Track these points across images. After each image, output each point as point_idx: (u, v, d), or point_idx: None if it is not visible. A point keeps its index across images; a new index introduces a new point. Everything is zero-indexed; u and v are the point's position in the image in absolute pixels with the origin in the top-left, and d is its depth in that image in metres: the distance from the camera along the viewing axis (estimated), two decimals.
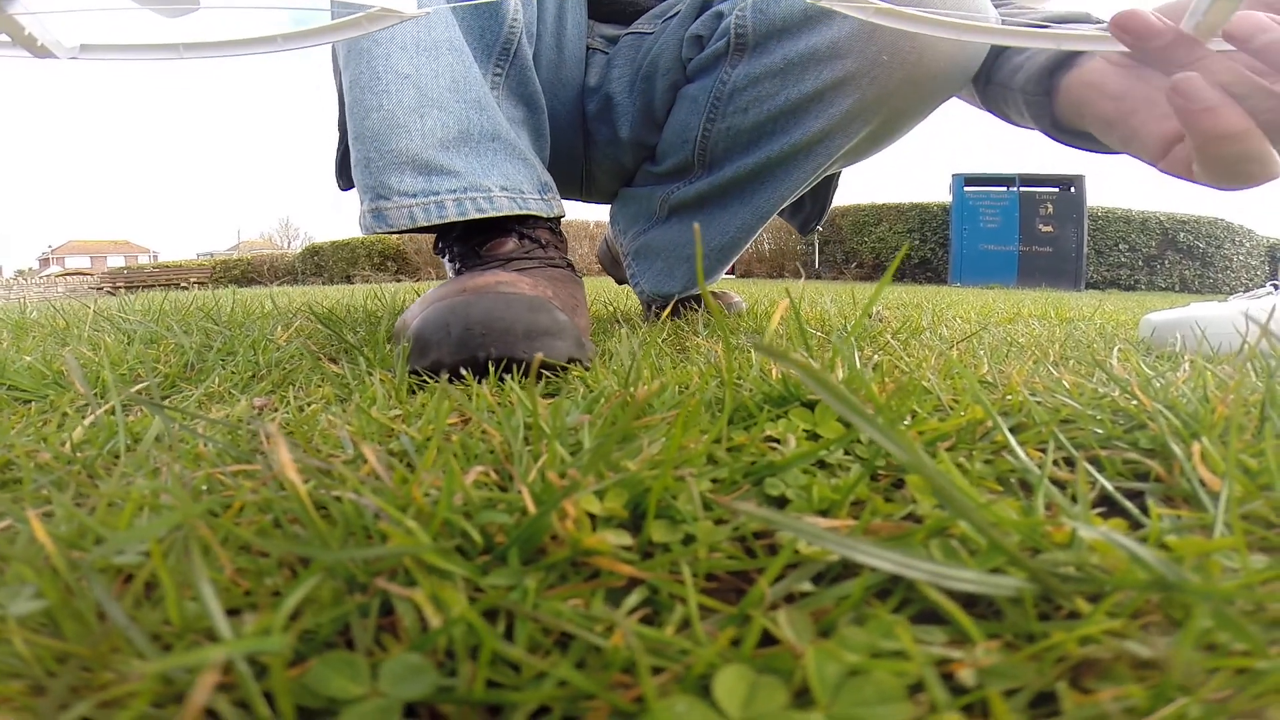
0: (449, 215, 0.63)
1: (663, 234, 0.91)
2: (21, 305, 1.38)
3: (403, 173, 0.62)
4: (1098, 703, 0.16)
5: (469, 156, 0.65)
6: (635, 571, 0.21)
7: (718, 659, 0.16)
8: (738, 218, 0.86)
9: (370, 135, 0.63)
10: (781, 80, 0.75)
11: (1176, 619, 0.19)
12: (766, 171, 0.81)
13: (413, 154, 0.62)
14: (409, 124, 0.62)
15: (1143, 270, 8.98)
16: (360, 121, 0.63)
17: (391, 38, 0.63)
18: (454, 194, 0.63)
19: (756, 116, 0.78)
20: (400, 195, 0.62)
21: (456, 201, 0.63)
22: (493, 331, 0.48)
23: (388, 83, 0.62)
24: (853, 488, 0.25)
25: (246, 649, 0.14)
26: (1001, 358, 0.59)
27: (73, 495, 0.30)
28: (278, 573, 0.22)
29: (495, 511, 0.23)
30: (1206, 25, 0.44)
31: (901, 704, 0.15)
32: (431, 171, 0.63)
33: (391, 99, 0.62)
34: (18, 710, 0.17)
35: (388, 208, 0.63)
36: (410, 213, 0.63)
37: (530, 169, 0.69)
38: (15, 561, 0.21)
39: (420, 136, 0.62)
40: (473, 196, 0.64)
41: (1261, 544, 0.24)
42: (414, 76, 0.63)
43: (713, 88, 0.79)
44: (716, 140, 0.82)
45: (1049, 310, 1.55)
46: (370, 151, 0.63)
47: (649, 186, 0.93)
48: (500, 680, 0.17)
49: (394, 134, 0.62)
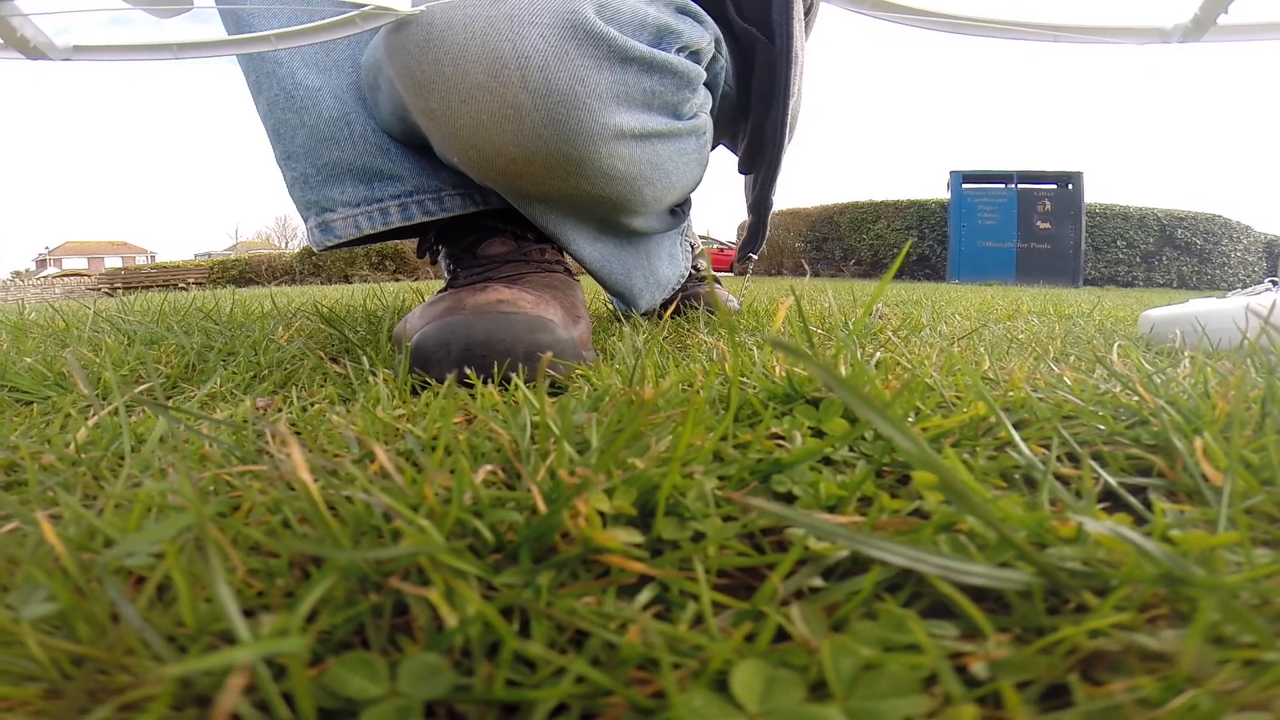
0: (393, 221, 0.62)
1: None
2: (20, 307, 1.37)
3: (343, 182, 0.61)
4: (1110, 694, 0.16)
5: (413, 156, 0.63)
6: (646, 569, 0.21)
7: (733, 654, 0.16)
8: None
9: (301, 152, 0.61)
10: None
11: (1183, 613, 0.19)
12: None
13: (348, 162, 0.61)
14: (337, 134, 0.61)
15: (1141, 267, 8.99)
16: (288, 141, 0.62)
17: (292, 57, 0.61)
18: (398, 199, 0.62)
19: None
20: (344, 206, 0.61)
21: (401, 207, 0.62)
22: (493, 352, 0.48)
23: (302, 98, 0.61)
24: (860, 484, 0.25)
25: (266, 650, 0.14)
26: (1002, 354, 0.60)
27: (80, 497, 0.30)
28: (289, 573, 0.22)
29: (506, 510, 0.23)
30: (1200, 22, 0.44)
31: (917, 697, 0.15)
32: (373, 178, 0.62)
33: (311, 113, 0.61)
34: (35, 714, 0.17)
35: (333, 220, 0.61)
36: (355, 221, 0.61)
37: None
38: (26, 564, 0.21)
39: (352, 144, 0.61)
40: (419, 199, 0.63)
41: (1265, 538, 0.24)
42: (325, 89, 0.61)
43: None
44: None
45: (1048, 307, 1.55)
46: (306, 168, 0.61)
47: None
48: (516, 679, 0.17)
49: (325, 147, 0.61)
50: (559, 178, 0.55)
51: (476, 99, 0.49)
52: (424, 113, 0.53)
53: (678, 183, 0.64)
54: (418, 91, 0.51)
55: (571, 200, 0.59)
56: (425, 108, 0.52)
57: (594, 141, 0.52)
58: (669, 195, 0.65)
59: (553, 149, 0.51)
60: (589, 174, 0.54)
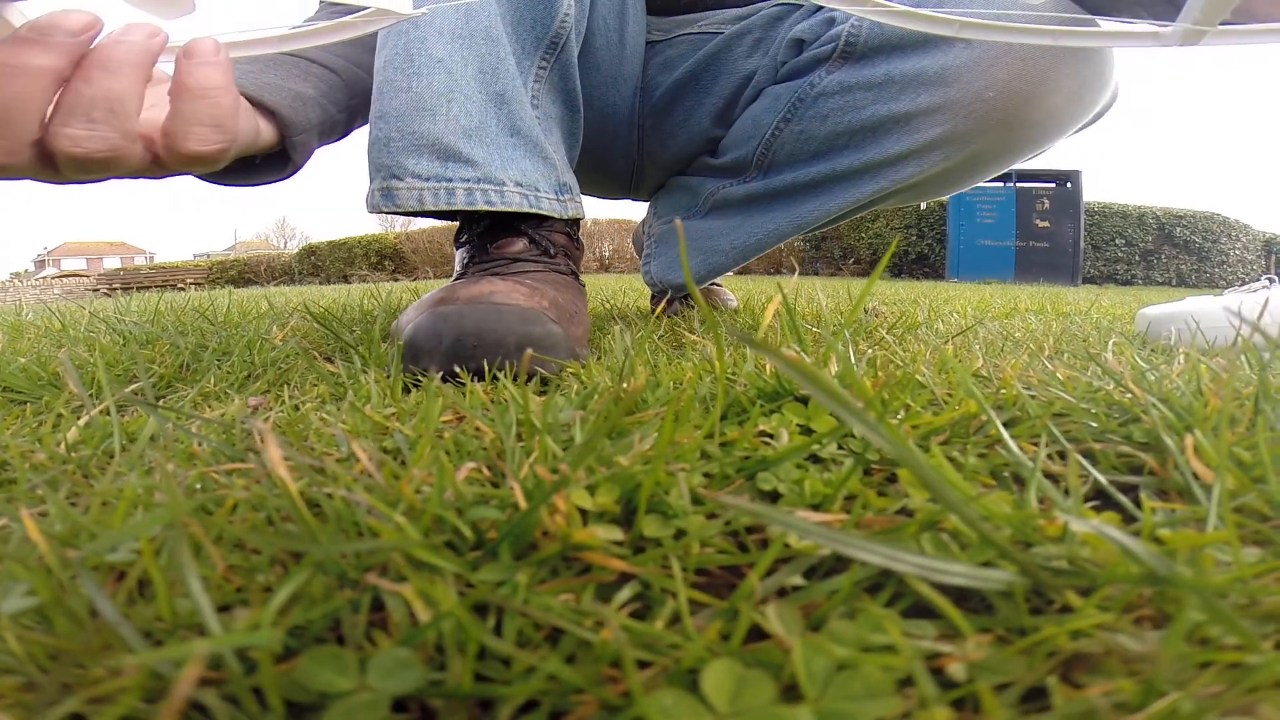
0: (457, 203, 0.63)
1: (701, 225, 0.91)
2: (17, 307, 1.38)
3: (420, 155, 0.62)
4: (1088, 698, 0.16)
5: (489, 148, 0.65)
6: (626, 566, 0.21)
7: (706, 653, 0.16)
8: (774, 222, 0.84)
9: (395, 114, 0.62)
10: (875, 94, 0.73)
11: (1169, 613, 0.19)
12: (825, 184, 0.80)
13: (434, 138, 0.62)
14: (435, 107, 0.62)
15: (1139, 265, 8.98)
16: (387, 100, 0.63)
17: (430, 22, 0.62)
18: (466, 183, 0.63)
19: (835, 126, 0.76)
20: (413, 177, 0.62)
21: (467, 191, 0.63)
22: (485, 343, 0.49)
23: (419, 64, 0.62)
24: (844, 482, 0.25)
25: (234, 644, 0.14)
26: (997, 352, 0.59)
27: (67, 494, 0.30)
28: (270, 570, 0.22)
29: (487, 507, 0.23)
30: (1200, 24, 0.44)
31: (890, 698, 0.15)
32: (449, 158, 0.63)
33: (421, 81, 0.62)
34: (10, 707, 0.17)
35: (399, 188, 0.62)
36: (420, 195, 0.62)
37: (550, 168, 0.69)
38: (8, 559, 0.21)
39: (445, 121, 0.62)
40: (484, 188, 0.64)
41: (1254, 537, 0.24)
42: (446, 61, 0.62)
43: (799, 88, 0.77)
44: (784, 142, 0.80)
45: (1046, 305, 1.55)
46: (391, 131, 0.62)
47: (701, 178, 0.93)
48: (491, 675, 0.17)
49: (419, 116, 0.62)
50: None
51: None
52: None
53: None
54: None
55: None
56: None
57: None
58: None
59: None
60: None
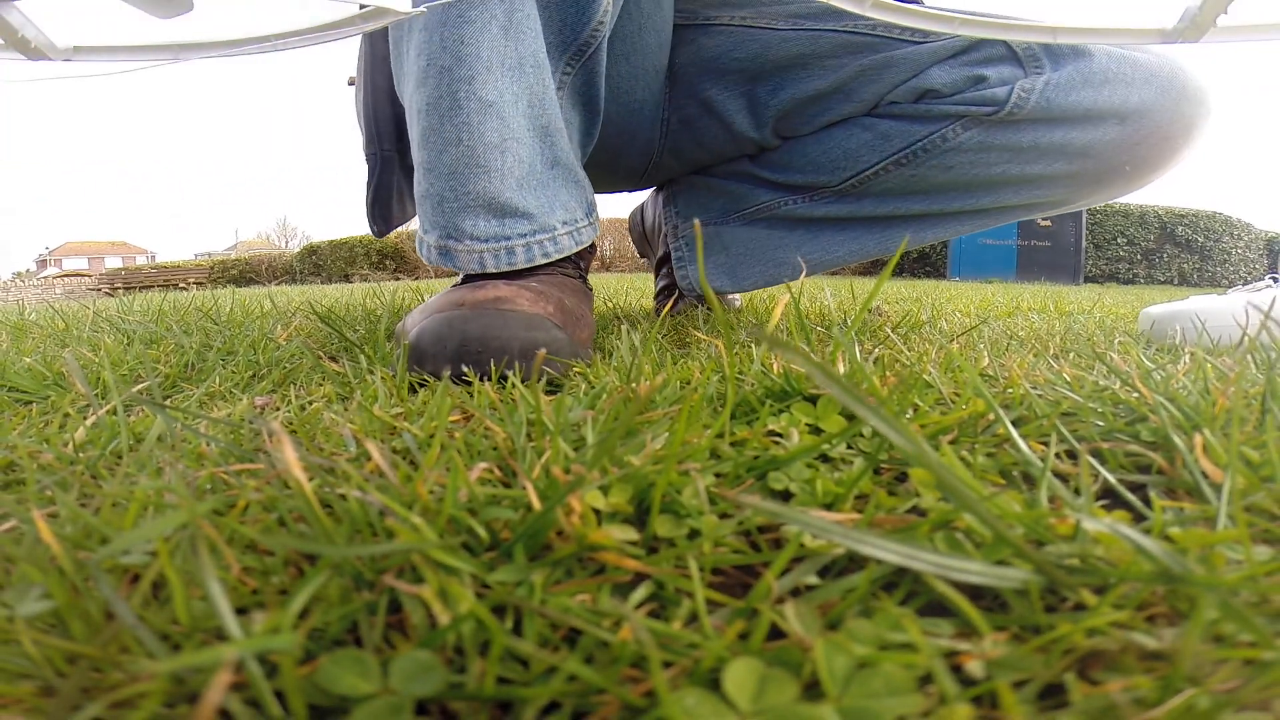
0: (518, 263, 0.61)
1: (744, 233, 0.88)
2: (20, 307, 1.38)
3: (477, 216, 0.60)
4: (1106, 694, 0.16)
5: (538, 191, 0.63)
6: (641, 566, 0.21)
7: (726, 653, 0.16)
8: (857, 243, 0.82)
9: (447, 171, 0.59)
10: (1012, 156, 0.71)
11: (1182, 611, 0.19)
12: (927, 220, 0.78)
13: (490, 196, 0.59)
14: (490, 162, 0.59)
15: (1141, 264, 8.98)
16: (436, 154, 0.59)
17: (477, 54, 0.58)
18: (524, 238, 0.62)
19: (956, 177, 0.74)
20: (471, 240, 0.60)
21: (525, 247, 0.62)
22: (489, 349, 0.48)
23: (469, 112, 0.58)
24: (856, 481, 0.25)
25: (257, 648, 0.14)
26: (1002, 351, 0.60)
27: (77, 496, 0.30)
28: (284, 571, 0.22)
29: (500, 508, 0.23)
30: (1199, 23, 0.44)
31: (911, 696, 0.15)
32: (505, 214, 0.61)
33: (473, 133, 0.58)
34: (28, 711, 0.17)
35: (458, 249, 0.61)
36: (480, 259, 0.61)
37: (582, 191, 0.68)
38: (22, 562, 0.21)
39: (500, 177, 0.59)
40: (539, 240, 0.62)
41: (1265, 536, 0.24)
42: (498, 105, 0.58)
43: (924, 138, 0.74)
44: (890, 181, 0.77)
45: (1048, 304, 1.55)
46: (445, 190, 0.60)
47: (740, 183, 0.89)
48: (509, 676, 0.17)
49: (473, 174, 0.59)
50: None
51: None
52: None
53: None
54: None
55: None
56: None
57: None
58: None
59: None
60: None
